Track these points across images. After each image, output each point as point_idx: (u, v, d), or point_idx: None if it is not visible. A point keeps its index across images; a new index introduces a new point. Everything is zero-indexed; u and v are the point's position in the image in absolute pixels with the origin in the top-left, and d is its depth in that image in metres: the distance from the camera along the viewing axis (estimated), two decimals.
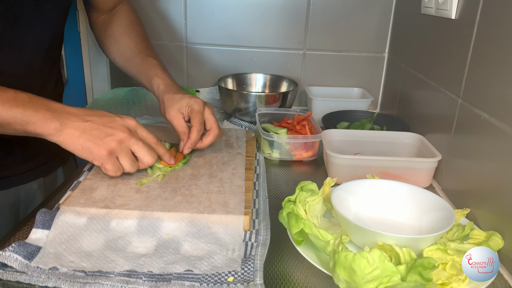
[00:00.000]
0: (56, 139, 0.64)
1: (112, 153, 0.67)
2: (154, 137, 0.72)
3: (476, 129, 0.69)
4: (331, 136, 0.91)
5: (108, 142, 0.65)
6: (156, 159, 0.71)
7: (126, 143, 0.67)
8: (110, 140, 0.65)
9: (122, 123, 0.67)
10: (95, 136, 0.65)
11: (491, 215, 0.64)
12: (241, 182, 0.75)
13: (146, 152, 0.69)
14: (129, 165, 0.69)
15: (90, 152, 0.65)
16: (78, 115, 0.65)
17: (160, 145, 0.73)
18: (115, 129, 0.66)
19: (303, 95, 1.29)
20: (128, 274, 0.54)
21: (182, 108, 0.80)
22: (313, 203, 0.64)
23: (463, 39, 0.75)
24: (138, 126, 0.70)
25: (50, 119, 0.63)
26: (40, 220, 0.62)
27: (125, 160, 0.68)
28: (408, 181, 0.70)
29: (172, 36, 1.26)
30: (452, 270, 0.53)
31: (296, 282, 0.56)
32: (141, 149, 0.68)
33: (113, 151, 0.66)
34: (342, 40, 1.24)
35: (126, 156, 0.68)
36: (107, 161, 0.67)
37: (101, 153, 0.65)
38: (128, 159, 0.68)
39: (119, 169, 0.69)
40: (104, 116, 0.67)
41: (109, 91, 1.27)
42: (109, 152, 0.66)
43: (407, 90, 1.07)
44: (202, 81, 1.31)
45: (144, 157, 0.69)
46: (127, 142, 0.67)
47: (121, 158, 0.68)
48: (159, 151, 0.73)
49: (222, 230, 0.62)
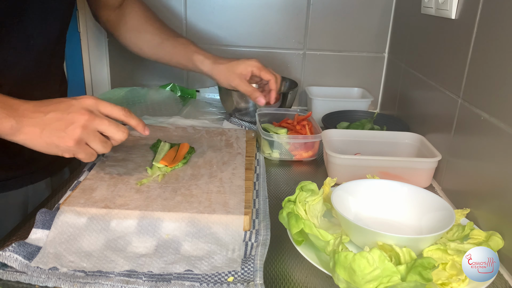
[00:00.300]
0: (16, 139, 0.60)
1: (80, 141, 0.62)
2: (121, 109, 0.65)
3: (476, 129, 0.69)
4: (331, 136, 0.91)
5: (71, 132, 0.61)
6: (128, 133, 0.66)
7: (91, 126, 0.62)
8: (73, 128, 0.61)
9: (81, 106, 0.62)
10: (56, 129, 0.60)
11: (491, 215, 0.64)
12: (241, 182, 0.75)
13: (115, 129, 0.64)
14: (101, 147, 0.64)
15: (56, 146, 0.62)
16: (35, 110, 0.60)
17: (130, 116, 0.67)
18: (75, 114, 0.61)
19: (303, 95, 1.29)
20: (128, 274, 0.54)
21: (242, 73, 0.89)
22: (313, 203, 0.64)
23: (463, 39, 0.75)
24: (99, 102, 0.64)
25: (5, 118, 0.58)
26: (40, 220, 0.62)
27: (95, 143, 0.63)
28: (408, 181, 0.70)
29: None
30: (452, 270, 0.53)
31: (296, 282, 0.56)
32: (108, 127, 0.63)
33: (80, 139, 0.62)
34: (342, 40, 1.24)
35: (95, 139, 0.63)
36: (77, 151, 0.63)
37: (68, 145, 0.61)
38: (98, 142, 0.63)
39: (92, 154, 0.65)
40: (61, 102, 0.62)
41: (109, 91, 1.27)
42: (76, 141, 0.61)
43: (407, 90, 1.07)
44: (202, 81, 1.31)
45: (114, 134, 0.64)
46: (91, 124, 0.62)
47: (91, 143, 0.63)
48: (131, 122, 0.67)
49: (222, 230, 0.62)
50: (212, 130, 1.00)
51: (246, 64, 0.90)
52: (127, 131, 0.66)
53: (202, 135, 0.97)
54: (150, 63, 1.30)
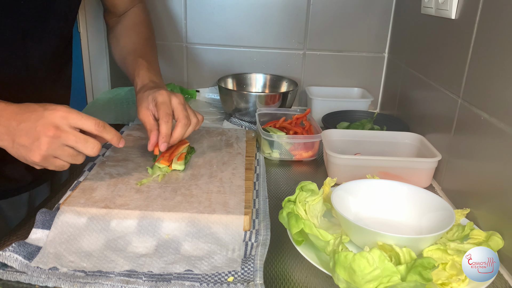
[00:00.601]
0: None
1: (46, 157, 0.61)
2: (93, 123, 0.62)
3: (476, 129, 0.69)
4: (331, 136, 0.91)
5: (37, 148, 0.60)
6: (99, 148, 0.63)
7: (57, 142, 0.60)
8: (37, 145, 0.60)
9: (48, 120, 0.60)
10: (23, 143, 0.60)
11: (491, 215, 0.64)
12: (241, 182, 0.75)
13: (83, 145, 0.62)
14: (71, 160, 0.63)
15: (25, 159, 0.62)
16: (11, 117, 0.60)
17: (104, 130, 0.64)
18: (42, 128, 0.59)
19: (303, 95, 1.29)
20: (128, 274, 0.54)
21: (149, 104, 0.75)
22: (313, 203, 0.64)
23: (463, 39, 0.75)
24: (70, 115, 0.61)
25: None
26: (40, 220, 0.62)
27: (64, 157, 0.62)
28: (408, 181, 0.70)
29: (172, 36, 1.26)
30: (452, 270, 0.53)
31: (296, 282, 0.56)
32: (75, 143, 0.61)
33: (46, 154, 0.61)
34: (342, 40, 1.24)
35: (63, 153, 0.62)
36: (45, 164, 0.62)
37: (34, 160, 0.61)
38: (66, 156, 0.62)
39: (63, 166, 0.64)
40: (34, 112, 0.60)
41: (109, 91, 1.27)
42: (42, 156, 0.61)
43: (407, 90, 1.07)
44: (202, 81, 1.31)
45: (83, 150, 0.62)
46: (57, 140, 0.60)
47: (59, 157, 0.62)
48: (105, 136, 0.64)
49: (222, 230, 0.62)
50: (212, 130, 1.00)
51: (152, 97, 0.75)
52: (98, 146, 0.63)
53: (202, 135, 0.97)
54: None
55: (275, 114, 1.04)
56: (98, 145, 0.63)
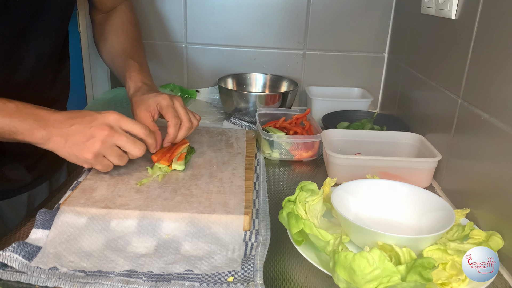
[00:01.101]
0: (46, 147, 0.65)
1: (98, 155, 0.66)
2: (142, 128, 0.69)
3: (476, 129, 0.69)
4: (331, 136, 0.91)
5: (91, 145, 0.65)
6: (145, 150, 0.69)
7: (109, 141, 0.66)
8: (92, 142, 0.65)
9: (103, 121, 0.66)
10: (78, 142, 0.64)
11: (491, 215, 0.64)
12: (241, 182, 0.75)
13: (132, 146, 0.68)
14: (117, 161, 0.68)
15: (76, 157, 0.66)
16: (63, 120, 0.65)
17: (150, 135, 0.71)
18: (96, 128, 0.65)
19: (303, 95, 1.29)
20: (128, 274, 0.54)
21: (150, 107, 0.77)
22: (313, 203, 0.64)
23: (463, 39, 0.75)
24: (121, 119, 0.67)
25: (37, 128, 0.63)
26: (40, 220, 0.62)
27: (112, 157, 0.68)
28: (408, 181, 0.70)
29: (172, 36, 1.26)
30: (452, 270, 0.53)
31: (296, 282, 0.56)
32: (126, 143, 0.67)
33: (98, 152, 0.66)
34: (342, 40, 1.24)
35: (112, 153, 0.67)
36: (94, 163, 0.67)
37: (87, 157, 0.66)
38: (115, 156, 0.68)
39: (108, 166, 0.69)
40: (86, 116, 0.66)
41: (109, 91, 1.27)
42: (94, 154, 0.66)
43: (407, 90, 1.07)
44: (202, 81, 1.31)
45: (131, 150, 0.68)
46: (110, 139, 0.66)
47: (108, 156, 0.67)
48: (148, 141, 0.71)
49: (222, 230, 0.62)
50: (212, 130, 1.00)
51: (154, 101, 0.77)
52: (144, 148, 0.69)
53: (202, 135, 0.97)
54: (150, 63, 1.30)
55: (275, 114, 1.04)
56: (144, 147, 0.69)
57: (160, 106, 0.77)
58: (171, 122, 0.77)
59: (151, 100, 0.78)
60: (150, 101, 0.78)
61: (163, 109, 0.77)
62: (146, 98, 0.78)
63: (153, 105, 0.77)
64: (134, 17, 0.97)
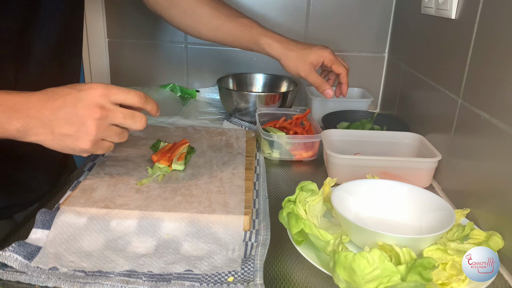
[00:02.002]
0: (27, 140, 0.56)
1: (96, 141, 0.57)
2: (136, 95, 0.59)
3: (476, 129, 0.69)
4: (331, 136, 0.91)
5: (85, 134, 0.56)
6: (146, 120, 0.60)
7: (105, 123, 0.57)
8: (85, 130, 0.56)
9: (90, 102, 0.55)
10: (68, 132, 0.56)
11: (491, 215, 0.64)
12: (241, 182, 0.75)
13: (131, 121, 0.59)
14: (118, 139, 0.60)
15: (72, 149, 0.58)
16: (40, 107, 0.55)
17: (146, 100, 0.60)
18: (85, 112, 0.55)
19: (303, 95, 1.29)
20: (128, 274, 0.54)
21: (313, 61, 0.85)
22: (313, 203, 0.64)
23: (463, 39, 0.75)
24: (110, 91, 0.57)
25: (7, 122, 0.54)
26: (40, 220, 0.62)
27: (111, 137, 0.59)
28: (408, 181, 0.70)
29: (172, 36, 1.26)
30: (452, 270, 0.53)
31: (296, 282, 0.56)
32: (124, 120, 0.58)
33: (96, 139, 0.57)
34: (342, 40, 1.24)
35: (111, 134, 0.59)
36: (95, 149, 0.58)
37: (84, 147, 0.57)
38: (114, 135, 0.59)
39: (110, 147, 0.61)
40: (67, 95, 0.56)
41: None
42: (92, 142, 0.57)
43: (407, 90, 1.07)
44: (202, 81, 1.31)
45: (131, 126, 0.59)
46: (105, 121, 0.57)
47: (108, 138, 0.59)
48: (147, 107, 0.61)
49: (222, 230, 0.62)
50: (212, 130, 1.00)
51: (318, 54, 0.86)
52: (145, 118, 0.60)
53: (202, 135, 0.97)
54: (150, 63, 1.30)
55: (275, 114, 1.04)
56: (145, 118, 0.60)
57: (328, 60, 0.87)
58: (344, 73, 0.88)
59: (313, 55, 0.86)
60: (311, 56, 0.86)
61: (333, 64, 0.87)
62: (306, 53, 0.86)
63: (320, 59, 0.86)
64: None
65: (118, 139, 0.60)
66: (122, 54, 1.29)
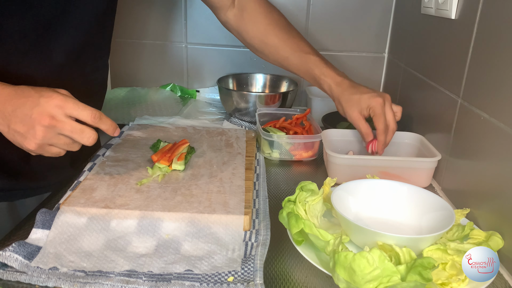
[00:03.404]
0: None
1: (42, 145, 0.60)
2: (89, 113, 0.61)
3: (476, 129, 0.69)
4: (331, 136, 0.91)
5: (32, 136, 0.59)
6: (95, 137, 0.62)
7: (52, 131, 0.59)
8: (33, 134, 0.59)
9: (44, 109, 0.59)
10: (19, 130, 0.59)
11: (491, 215, 0.64)
12: (241, 182, 0.75)
13: (79, 135, 0.60)
14: (67, 148, 0.62)
15: (20, 145, 0.61)
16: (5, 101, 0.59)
17: (100, 120, 0.62)
18: (37, 116, 0.58)
19: (303, 95, 1.29)
20: (128, 274, 0.54)
21: (363, 110, 0.81)
22: (313, 203, 0.64)
23: (463, 39, 0.75)
24: (66, 104, 0.59)
25: None
26: (40, 220, 0.62)
27: (60, 145, 0.61)
28: (408, 181, 0.70)
29: (172, 36, 1.26)
30: (452, 270, 0.53)
31: (296, 282, 0.56)
32: (71, 133, 0.60)
33: (41, 143, 0.60)
34: (342, 40, 1.24)
35: (58, 142, 0.61)
36: (41, 152, 0.62)
37: (29, 148, 0.60)
38: (62, 144, 0.61)
39: (59, 153, 0.63)
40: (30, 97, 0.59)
41: (109, 91, 1.27)
42: (37, 145, 0.60)
43: (407, 90, 1.07)
44: (202, 81, 1.31)
45: (79, 139, 0.61)
46: (52, 130, 0.59)
47: (56, 145, 0.61)
48: (101, 126, 0.63)
49: (222, 230, 0.62)
50: (212, 130, 1.00)
51: (367, 104, 0.81)
52: (94, 135, 0.62)
53: (202, 135, 0.97)
54: (150, 63, 1.30)
55: (275, 114, 1.04)
56: (95, 135, 0.62)
57: (373, 111, 0.81)
58: (381, 130, 0.81)
59: (364, 102, 0.81)
60: (362, 103, 0.81)
61: (375, 116, 0.80)
62: (358, 98, 0.82)
63: (366, 109, 0.81)
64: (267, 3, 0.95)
65: (67, 147, 0.62)
66: (122, 54, 1.29)
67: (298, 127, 0.97)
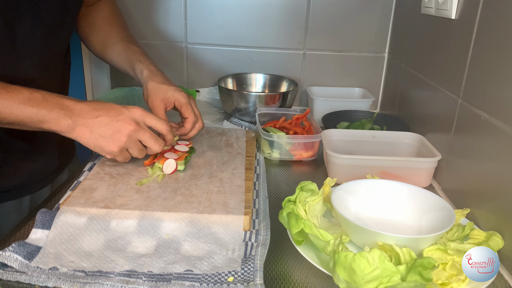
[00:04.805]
0: (70, 136, 0.67)
1: (123, 148, 0.70)
2: (164, 124, 0.74)
3: (476, 129, 0.69)
4: (331, 136, 0.91)
5: (117, 139, 0.68)
6: (163, 146, 0.74)
7: (134, 136, 0.69)
8: (119, 136, 0.68)
9: (129, 116, 0.69)
10: (104, 134, 0.67)
11: (491, 215, 0.64)
12: (241, 182, 0.75)
13: (153, 142, 0.71)
14: (137, 154, 0.72)
15: (101, 149, 0.69)
16: (88, 110, 0.67)
17: (170, 132, 0.75)
18: (122, 123, 0.68)
19: (303, 95, 1.29)
20: (128, 274, 0.54)
21: (166, 99, 0.82)
22: (313, 203, 0.64)
23: (463, 39, 0.75)
24: (146, 115, 0.71)
25: (63, 117, 0.65)
26: (40, 220, 0.62)
27: (134, 150, 0.71)
28: (408, 181, 0.70)
29: (172, 36, 1.26)
30: (452, 270, 0.53)
31: (296, 282, 0.56)
32: (149, 139, 0.71)
33: (124, 146, 0.69)
34: (342, 40, 1.24)
35: (135, 147, 0.71)
36: (118, 155, 0.71)
37: (113, 150, 0.69)
38: (137, 149, 0.71)
39: (128, 158, 0.73)
40: (112, 109, 0.69)
41: (109, 91, 1.27)
42: (120, 148, 0.69)
43: (407, 90, 1.07)
44: (202, 81, 1.31)
45: (151, 146, 0.72)
46: (135, 134, 0.69)
47: (130, 149, 0.71)
48: (168, 137, 0.75)
49: (222, 230, 0.62)
50: (212, 130, 1.00)
51: (173, 96, 0.82)
52: (163, 144, 0.73)
53: (202, 135, 0.97)
54: None
55: (275, 114, 1.04)
56: (163, 143, 0.74)
57: (179, 102, 0.83)
58: (190, 119, 0.83)
59: (170, 93, 0.82)
60: (168, 93, 0.82)
61: (182, 106, 0.83)
62: (165, 89, 0.82)
63: (171, 99, 0.82)
64: (119, 9, 0.99)
65: (137, 153, 0.72)
66: None
67: (298, 127, 0.97)
